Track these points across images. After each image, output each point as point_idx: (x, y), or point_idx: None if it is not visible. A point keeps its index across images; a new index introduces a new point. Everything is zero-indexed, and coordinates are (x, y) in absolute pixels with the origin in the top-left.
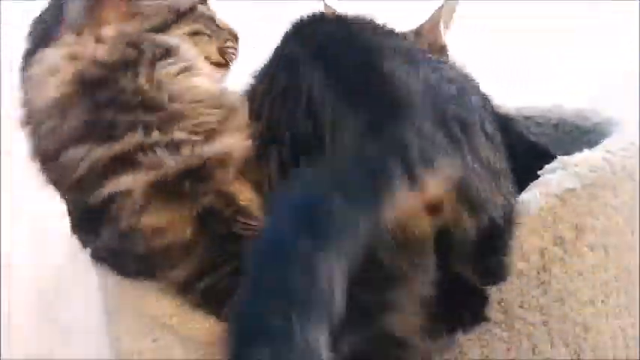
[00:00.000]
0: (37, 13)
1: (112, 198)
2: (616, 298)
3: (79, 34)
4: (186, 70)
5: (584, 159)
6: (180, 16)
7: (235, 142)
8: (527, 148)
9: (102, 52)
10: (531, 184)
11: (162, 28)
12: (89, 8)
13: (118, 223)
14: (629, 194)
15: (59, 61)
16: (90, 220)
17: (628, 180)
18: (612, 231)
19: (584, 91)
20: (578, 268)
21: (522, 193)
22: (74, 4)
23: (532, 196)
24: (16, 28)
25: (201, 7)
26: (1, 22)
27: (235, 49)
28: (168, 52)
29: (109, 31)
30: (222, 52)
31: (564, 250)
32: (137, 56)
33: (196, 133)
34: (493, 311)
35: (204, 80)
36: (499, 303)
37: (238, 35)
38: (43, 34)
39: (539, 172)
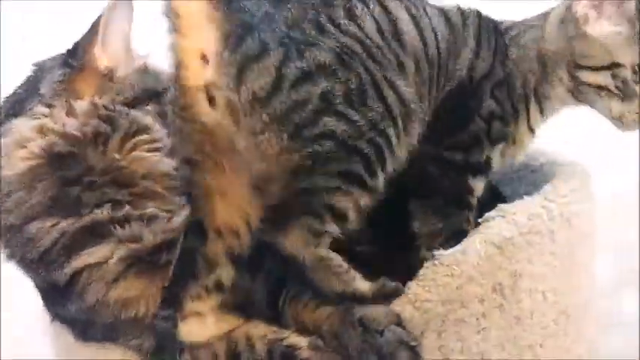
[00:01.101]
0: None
1: (79, 272)
2: (554, 341)
3: (51, 106)
4: (157, 149)
5: (522, 207)
6: (151, 96)
7: None
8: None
9: (73, 125)
10: (471, 232)
11: (134, 104)
12: (64, 81)
13: (86, 298)
14: (567, 239)
15: (29, 133)
16: (56, 296)
17: (566, 225)
18: (550, 276)
19: None
20: (516, 314)
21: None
22: (49, 76)
23: (471, 245)
24: (16, 28)
25: (170, 92)
26: (1, 22)
27: None
28: (141, 129)
29: (82, 104)
30: None
31: (503, 297)
32: (110, 131)
33: (168, 211)
34: (434, 358)
35: (173, 160)
36: (439, 349)
37: None
38: (16, 105)
39: (479, 220)
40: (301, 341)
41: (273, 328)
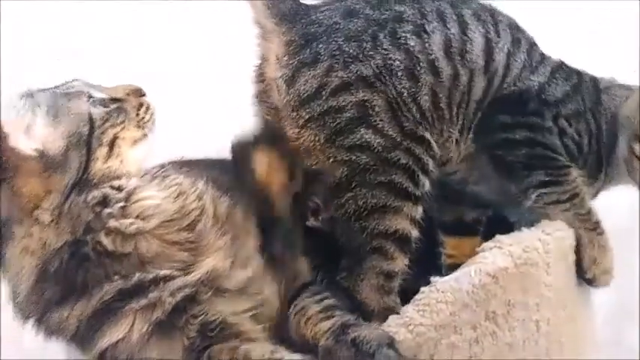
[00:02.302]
0: None
1: (104, 351)
2: None
3: (20, 223)
4: (128, 198)
5: (519, 239)
6: (88, 142)
7: (217, 261)
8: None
9: (52, 239)
10: (468, 261)
11: (84, 171)
12: (10, 198)
13: None
14: (562, 271)
15: (18, 260)
16: None
17: (562, 258)
18: (544, 306)
19: None
20: (509, 342)
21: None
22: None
23: (466, 274)
24: (16, 27)
25: (95, 112)
26: (1, 22)
27: (147, 107)
28: (105, 201)
29: (44, 215)
30: (140, 125)
31: (496, 325)
32: (85, 227)
33: (181, 268)
34: None
35: (151, 195)
36: None
37: (139, 88)
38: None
39: (477, 250)
40: None
41: (272, 348)
